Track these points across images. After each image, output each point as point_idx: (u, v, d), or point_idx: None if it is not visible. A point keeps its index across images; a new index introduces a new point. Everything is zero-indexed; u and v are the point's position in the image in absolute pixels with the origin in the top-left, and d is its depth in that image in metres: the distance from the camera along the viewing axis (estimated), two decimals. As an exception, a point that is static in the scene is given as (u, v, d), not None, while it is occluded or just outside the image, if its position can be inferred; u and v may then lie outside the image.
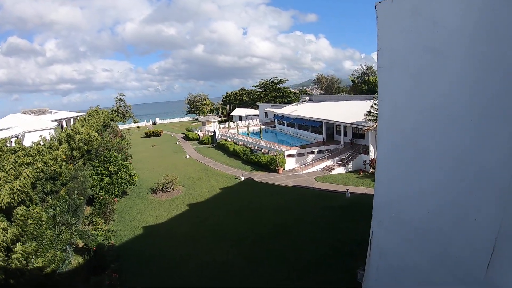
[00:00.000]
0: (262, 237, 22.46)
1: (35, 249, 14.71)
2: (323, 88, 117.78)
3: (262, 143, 46.95)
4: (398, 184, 8.12)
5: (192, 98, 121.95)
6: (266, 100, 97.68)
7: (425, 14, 6.87)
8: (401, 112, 7.79)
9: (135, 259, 20.63)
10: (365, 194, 28.72)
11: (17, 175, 18.91)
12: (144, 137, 78.31)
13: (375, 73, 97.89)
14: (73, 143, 31.41)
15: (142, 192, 33.70)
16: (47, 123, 49.78)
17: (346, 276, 17.17)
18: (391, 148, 8.25)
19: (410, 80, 7.42)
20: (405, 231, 8.05)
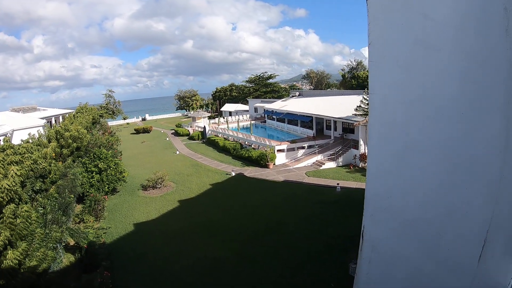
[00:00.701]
0: (254, 232, 22.54)
1: (25, 249, 14.60)
2: (313, 83, 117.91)
3: (252, 139, 46.96)
4: (389, 176, 8.14)
5: (181, 93, 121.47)
6: (256, 96, 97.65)
7: (416, 7, 6.88)
8: (391, 105, 7.78)
9: (126, 257, 20.58)
10: (355, 189, 28.97)
11: (5, 174, 18.72)
12: (134, 133, 77.94)
13: (364, 68, 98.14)
14: (62, 140, 31.17)
15: (132, 189, 33.58)
16: (35, 121, 49.30)
17: (340, 271, 17.32)
18: (382, 141, 8.24)
19: (401, 73, 7.42)
20: (396, 224, 8.10)
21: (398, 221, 7.98)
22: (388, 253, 8.37)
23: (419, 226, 7.48)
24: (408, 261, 7.83)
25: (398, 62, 7.41)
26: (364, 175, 31.72)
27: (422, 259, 7.49)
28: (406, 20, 7.09)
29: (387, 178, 8.23)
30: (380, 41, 7.75)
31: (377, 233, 8.67)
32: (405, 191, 7.78)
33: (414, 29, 6.97)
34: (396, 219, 8.01)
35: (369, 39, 7.85)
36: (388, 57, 7.66)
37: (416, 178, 7.47)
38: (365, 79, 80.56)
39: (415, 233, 7.60)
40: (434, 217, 7.16)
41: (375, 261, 8.83)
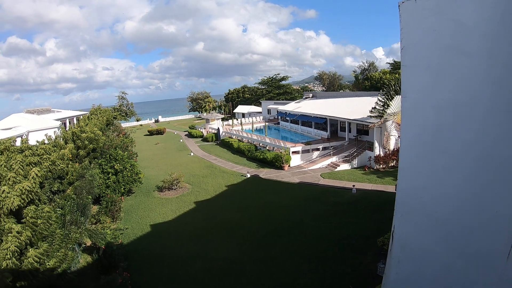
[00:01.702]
0: (270, 234, 22.46)
1: (46, 250, 14.68)
2: (325, 85, 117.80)
3: (267, 140, 46.84)
4: (421, 178, 8.19)
5: (194, 95, 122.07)
6: (269, 97, 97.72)
7: (448, 13, 6.92)
8: (423, 108, 7.87)
9: (143, 258, 20.63)
10: (371, 190, 28.67)
11: (25, 175, 18.84)
12: (147, 135, 78.45)
13: (377, 69, 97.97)
14: (78, 141, 31.39)
15: (148, 190, 33.69)
16: (51, 122, 49.75)
17: (357, 271, 17.20)
18: (413, 142, 8.30)
19: (432, 78, 7.50)
20: (427, 224, 8.14)
21: (428, 221, 8.01)
22: (417, 252, 8.39)
23: (449, 225, 7.52)
24: (437, 259, 7.84)
25: (430, 66, 7.46)
26: (380, 177, 31.63)
27: (451, 257, 7.51)
28: (437, 26, 7.13)
29: (418, 178, 8.25)
30: (412, 46, 7.79)
31: (407, 233, 8.68)
32: (435, 191, 7.82)
33: (446, 34, 7.00)
34: (427, 218, 8.04)
35: (402, 44, 7.90)
36: (420, 61, 7.72)
37: (447, 178, 7.51)
38: (378, 80, 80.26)
39: (445, 232, 7.63)
40: (464, 216, 7.21)
41: (404, 260, 8.83)
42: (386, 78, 74.71)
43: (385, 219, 21.43)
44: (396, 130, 34.01)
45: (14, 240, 13.43)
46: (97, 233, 19.65)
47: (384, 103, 33.98)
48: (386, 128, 34.27)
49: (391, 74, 79.14)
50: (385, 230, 19.31)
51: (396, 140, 34.88)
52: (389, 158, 34.81)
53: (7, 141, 24.82)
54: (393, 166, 34.83)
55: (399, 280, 8.94)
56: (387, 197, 25.36)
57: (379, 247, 17.97)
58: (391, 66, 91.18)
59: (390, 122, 33.84)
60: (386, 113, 33.76)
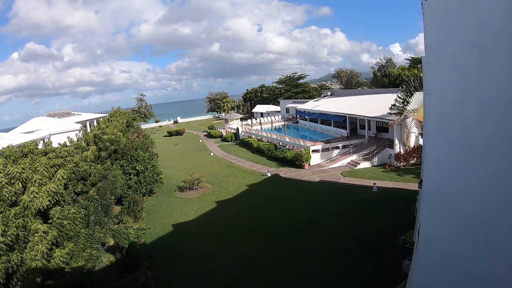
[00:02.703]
0: (289, 231, 22.52)
1: (72, 249, 14.92)
2: (343, 83, 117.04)
3: (286, 139, 46.72)
4: (446, 174, 8.14)
5: (212, 96, 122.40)
6: (287, 96, 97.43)
7: (471, 11, 6.93)
8: (448, 105, 7.86)
9: (166, 256, 20.83)
10: (392, 188, 28.42)
11: (50, 177, 19.19)
12: (167, 136, 78.94)
13: (395, 65, 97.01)
14: (100, 143, 31.82)
15: (169, 190, 33.94)
16: (72, 125, 50.56)
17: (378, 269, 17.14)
18: (438, 139, 8.28)
19: (458, 75, 7.49)
20: (452, 220, 8.07)
21: (454, 217, 7.96)
22: (443, 249, 8.33)
23: (475, 221, 7.47)
24: (463, 256, 7.79)
25: (454, 64, 7.45)
26: (400, 174, 31.35)
27: (477, 254, 7.44)
28: (461, 23, 7.12)
29: (444, 174, 8.20)
30: (436, 44, 7.78)
31: (433, 229, 8.64)
32: (461, 187, 7.78)
33: (470, 32, 6.99)
34: (452, 214, 7.99)
35: (426, 41, 7.89)
36: (444, 59, 7.70)
37: (472, 174, 7.47)
38: (397, 77, 79.40)
39: (470, 228, 7.59)
40: (490, 212, 7.14)
41: (430, 257, 8.79)
42: (405, 74, 73.95)
43: (407, 217, 21.32)
44: (417, 127, 33.67)
45: (44, 242, 13.68)
46: (120, 232, 19.92)
47: (403, 100, 33.61)
48: (406, 125, 33.95)
49: (409, 70, 78.27)
50: (406, 228, 19.17)
51: (416, 137, 34.53)
52: (409, 155, 34.45)
53: (31, 144, 25.34)
54: (413, 163, 34.46)
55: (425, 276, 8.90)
56: (408, 195, 25.08)
57: (401, 245, 17.80)
58: (410, 62, 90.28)
59: (410, 119, 33.51)
60: (406, 110, 33.40)
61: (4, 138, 33.99)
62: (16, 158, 22.52)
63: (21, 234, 13.96)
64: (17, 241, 13.70)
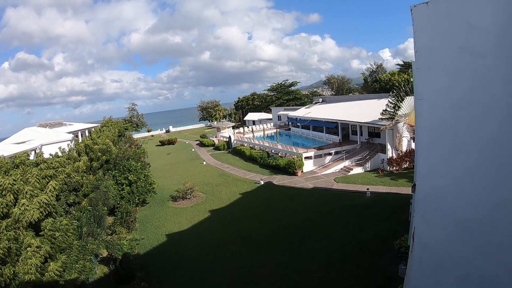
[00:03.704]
0: (287, 239, 22.41)
1: (65, 261, 14.76)
2: (334, 89, 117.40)
3: (279, 147, 46.77)
4: (439, 178, 8.23)
5: (204, 104, 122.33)
6: (278, 104, 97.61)
7: (460, 16, 7.09)
8: (439, 109, 7.98)
9: (161, 267, 20.69)
10: (385, 193, 28.51)
11: (41, 188, 19.02)
12: (159, 145, 78.64)
13: (385, 71, 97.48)
14: (91, 153, 31.59)
15: (162, 200, 33.79)
16: (64, 135, 50.16)
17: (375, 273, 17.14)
18: (431, 144, 8.37)
19: (447, 79, 7.63)
20: (447, 223, 8.17)
21: (449, 221, 8.03)
22: (439, 253, 8.37)
23: (470, 225, 7.58)
24: (459, 259, 7.87)
25: (445, 68, 7.57)
26: (393, 179, 31.48)
27: (473, 257, 7.53)
28: (451, 28, 7.26)
29: (437, 179, 8.26)
30: (426, 49, 7.88)
31: (428, 233, 8.68)
32: (455, 191, 7.87)
33: (459, 36, 7.14)
34: (447, 218, 8.05)
35: (415, 47, 7.98)
36: (434, 64, 7.82)
37: (466, 178, 7.59)
38: (387, 82, 79.78)
39: (466, 231, 7.68)
40: (485, 215, 7.26)
41: (426, 261, 8.80)
42: (395, 79, 74.39)
43: (401, 221, 21.37)
44: (408, 131, 33.84)
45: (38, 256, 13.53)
46: (113, 244, 19.72)
47: (395, 105, 33.86)
48: (398, 130, 34.15)
49: (399, 75, 78.71)
50: (401, 232, 19.19)
51: (408, 141, 34.72)
52: (402, 159, 34.64)
53: (23, 155, 25.16)
54: (406, 167, 34.65)
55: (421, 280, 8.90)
56: (402, 199, 25.15)
57: (396, 249, 17.80)
58: (400, 67, 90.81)
59: (402, 124, 33.71)
60: (398, 115, 33.64)
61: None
62: (7, 169, 22.30)
63: (13, 247, 13.79)
64: (9, 254, 13.54)
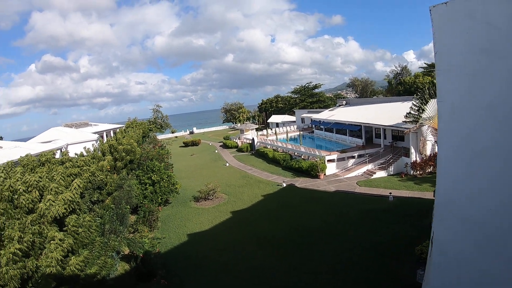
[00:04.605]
0: (306, 242, 22.30)
1: (87, 257, 15.03)
2: (358, 91, 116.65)
3: (301, 149, 46.62)
4: (459, 182, 8.04)
5: (228, 106, 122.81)
6: (302, 106, 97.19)
7: (479, 16, 6.91)
8: (460, 112, 7.81)
9: (181, 266, 20.85)
10: (408, 198, 28.10)
11: (66, 185, 19.39)
12: (183, 146, 79.31)
13: (410, 73, 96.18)
14: (116, 153, 32.04)
15: (184, 200, 34.10)
16: (89, 135, 51.14)
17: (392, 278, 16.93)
18: (452, 147, 8.20)
19: (468, 81, 7.46)
20: (466, 229, 7.96)
21: (467, 225, 7.88)
22: (457, 257, 8.22)
23: (487, 229, 7.45)
24: (477, 264, 7.71)
25: (465, 70, 7.43)
26: (417, 183, 30.99)
27: (490, 261, 7.41)
28: (470, 29, 7.12)
29: (457, 184, 8.11)
30: (446, 51, 7.76)
31: (447, 238, 8.52)
32: (475, 196, 7.71)
33: (479, 37, 7.00)
34: (466, 224, 7.89)
35: (435, 48, 7.87)
36: (454, 65, 7.68)
37: (486, 183, 7.42)
38: (412, 85, 78.62)
39: (484, 236, 7.54)
40: (503, 221, 7.09)
41: (444, 266, 8.66)
42: (419, 81, 73.33)
43: (423, 226, 21.04)
44: (433, 135, 33.32)
45: (60, 249, 13.82)
46: (135, 241, 19.96)
47: (419, 108, 33.38)
48: (422, 133, 33.64)
49: (424, 77, 77.56)
50: (423, 238, 18.89)
51: (432, 145, 34.16)
52: (426, 163, 34.08)
53: (48, 153, 25.62)
54: (430, 172, 34.05)
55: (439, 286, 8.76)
56: (425, 204, 24.73)
57: (417, 255, 17.53)
58: (424, 69, 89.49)
59: (426, 127, 33.20)
60: (422, 118, 33.15)
61: (22, 147, 34.44)
62: (33, 167, 22.81)
63: (37, 241, 14.11)
64: (33, 248, 13.86)
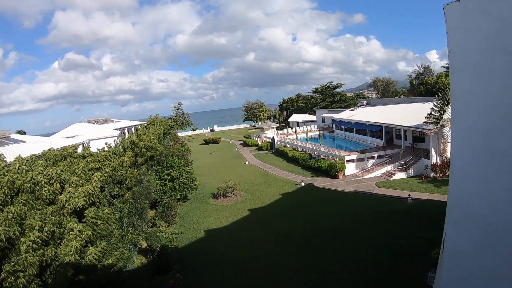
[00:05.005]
0: (322, 242, 22.28)
1: (105, 248, 15.38)
2: (380, 91, 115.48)
3: (321, 149, 46.47)
4: (472, 184, 7.89)
5: (249, 105, 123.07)
6: (323, 106, 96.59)
7: (494, 13, 6.77)
8: (474, 111, 7.66)
9: (197, 261, 21.09)
10: (427, 200, 27.72)
11: (87, 179, 19.80)
12: (203, 144, 79.88)
13: (432, 73, 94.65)
14: (136, 149, 32.54)
15: (203, 197, 34.42)
16: (110, 131, 51.91)
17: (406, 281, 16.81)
18: (465, 148, 8.06)
19: (482, 80, 7.31)
20: (479, 232, 7.81)
21: (481, 228, 7.74)
22: (469, 262, 8.08)
23: (503, 233, 7.22)
24: (490, 269, 7.53)
25: (479, 68, 7.32)
26: (437, 186, 30.57)
27: (504, 268, 7.23)
28: (484, 26, 7.01)
29: (470, 185, 7.99)
30: (459, 49, 7.67)
31: (459, 241, 8.41)
32: (489, 197, 7.55)
33: (493, 35, 6.88)
34: (479, 227, 7.76)
35: (449, 46, 7.79)
36: (468, 64, 7.58)
37: (500, 185, 7.22)
38: (434, 85, 77.50)
39: (498, 240, 7.34)
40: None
41: (456, 270, 8.55)
42: (441, 82, 72.27)
43: (441, 230, 20.75)
44: (454, 137, 32.84)
45: (79, 239, 14.18)
46: (153, 235, 20.29)
47: (440, 109, 32.92)
48: (443, 135, 33.20)
49: (446, 77, 76.25)
50: (440, 241, 18.73)
51: (454, 147, 33.68)
52: (446, 166, 33.48)
53: (70, 148, 26.14)
54: (451, 174, 33.59)
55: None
56: (444, 207, 24.32)
57: (434, 258, 17.34)
58: (447, 69, 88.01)
59: (447, 129, 32.74)
60: (443, 119, 32.68)
61: (45, 142, 35.15)
62: (56, 161, 23.32)
63: (57, 231, 14.50)
64: (53, 237, 14.25)
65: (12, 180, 15.95)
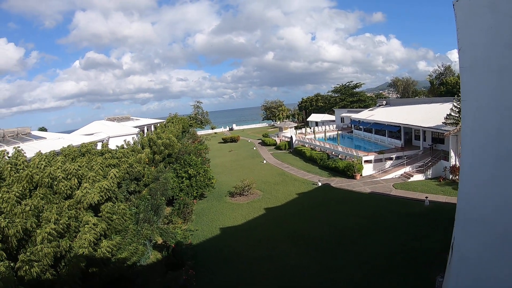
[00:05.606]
0: (337, 242, 22.19)
1: (119, 242, 15.62)
2: (399, 91, 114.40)
3: (339, 149, 46.26)
4: (483, 187, 7.71)
5: (268, 104, 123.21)
6: (342, 105, 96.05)
7: (504, 10, 6.65)
8: (485, 112, 7.48)
9: (211, 258, 21.24)
10: (445, 203, 27.29)
11: (104, 175, 20.09)
12: (222, 142, 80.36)
13: (453, 73, 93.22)
14: (154, 147, 32.88)
15: (220, 195, 34.61)
16: (130, 129, 52.49)
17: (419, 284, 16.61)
18: (475, 150, 7.90)
19: (494, 79, 7.13)
20: (488, 236, 7.64)
21: (491, 234, 7.57)
22: (478, 267, 7.95)
23: (511, 237, 7.07)
24: (498, 273, 7.39)
25: (490, 67, 7.19)
26: (455, 188, 30.04)
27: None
28: (495, 24, 6.88)
29: (481, 188, 7.85)
30: (470, 47, 7.57)
31: (469, 246, 8.28)
32: (497, 201, 7.38)
33: (504, 32, 6.75)
34: (489, 231, 7.60)
35: (459, 45, 7.69)
36: (479, 62, 7.46)
37: (508, 187, 7.07)
38: (454, 85, 76.45)
39: (507, 244, 7.17)
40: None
41: (464, 275, 8.43)
42: (462, 82, 71.32)
43: (457, 233, 20.53)
44: (474, 139, 32.40)
45: (92, 232, 14.44)
46: (168, 232, 20.53)
47: (459, 109, 32.43)
48: (463, 136, 32.77)
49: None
50: (454, 246, 18.52)
51: (474, 149, 33.20)
52: (466, 168, 33.12)
53: (89, 144, 26.54)
54: (470, 177, 33.10)
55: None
56: (462, 210, 24.14)
57: (448, 263, 17.19)
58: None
59: (467, 130, 32.33)
60: (462, 120, 32.27)
61: (65, 139, 35.73)
62: (74, 157, 23.74)
63: (72, 224, 14.80)
64: (68, 230, 14.54)
65: (31, 175, 16.29)
